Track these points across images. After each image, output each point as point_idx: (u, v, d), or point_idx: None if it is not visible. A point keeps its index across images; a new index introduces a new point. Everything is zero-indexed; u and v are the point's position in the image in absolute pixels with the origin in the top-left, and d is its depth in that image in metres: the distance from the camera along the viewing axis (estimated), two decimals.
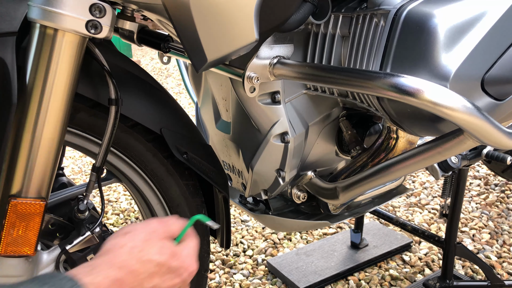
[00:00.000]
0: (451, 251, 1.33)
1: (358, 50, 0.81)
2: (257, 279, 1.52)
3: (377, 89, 0.65)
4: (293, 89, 0.90)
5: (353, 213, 1.12)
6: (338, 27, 0.84)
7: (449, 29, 0.70)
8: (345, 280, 1.51)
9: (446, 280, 1.34)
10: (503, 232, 1.78)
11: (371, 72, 0.68)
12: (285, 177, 0.94)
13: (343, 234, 1.71)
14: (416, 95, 0.63)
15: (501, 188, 2.11)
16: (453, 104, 0.62)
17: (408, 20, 0.73)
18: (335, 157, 1.04)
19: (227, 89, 0.95)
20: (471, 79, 0.71)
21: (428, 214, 1.92)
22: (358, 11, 0.82)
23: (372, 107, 0.81)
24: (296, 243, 1.72)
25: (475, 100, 0.72)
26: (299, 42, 0.88)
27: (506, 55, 0.73)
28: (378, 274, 1.53)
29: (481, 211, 1.92)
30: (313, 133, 0.96)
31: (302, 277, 1.47)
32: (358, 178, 0.88)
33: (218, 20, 0.61)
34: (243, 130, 0.96)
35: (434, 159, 0.76)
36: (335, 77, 0.71)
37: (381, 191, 1.13)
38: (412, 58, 0.71)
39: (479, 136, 0.66)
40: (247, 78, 0.80)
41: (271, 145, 0.90)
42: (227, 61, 0.73)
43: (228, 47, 0.64)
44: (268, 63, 0.81)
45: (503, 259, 1.62)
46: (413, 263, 1.59)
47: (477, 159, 1.18)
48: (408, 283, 1.50)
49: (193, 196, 0.89)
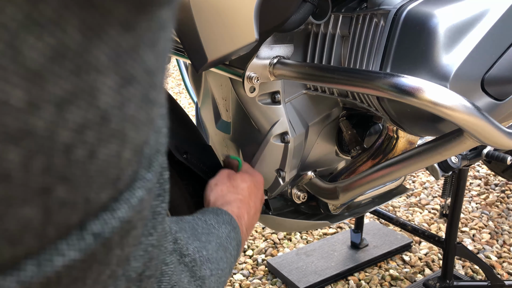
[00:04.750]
0: (451, 251, 1.33)
1: (358, 50, 0.81)
2: (257, 279, 1.52)
3: (377, 89, 0.65)
4: (293, 89, 0.90)
5: (353, 213, 1.12)
6: (338, 27, 0.84)
7: (449, 29, 0.70)
8: (345, 280, 1.51)
9: (446, 280, 1.34)
10: (503, 232, 1.78)
11: (371, 72, 0.68)
12: (285, 177, 0.94)
13: (343, 234, 1.71)
14: (416, 95, 0.63)
15: (501, 188, 2.11)
16: (453, 104, 0.62)
17: (408, 20, 0.73)
18: (335, 157, 1.04)
19: (227, 89, 0.95)
20: (471, 79, 0.71)
21: (428, 214, 1.92)
22: (358, 11, 0.82)
23: (372, 107, 0.81)
24: (296, 243, 1.72)
25: (475, 100, 0.72)
26: (299, 42, 0.88)
27: (506, 55, 0.73)
28: (378, 274, 1.53)
29: (481, 211, 1.92)
30: (313, 133, 0.96)
31: (302, 277, 1.48)
32: (358, 178, 0.88)
33: (218, 20, 0.61)
34: (243, 130, 0.96)
35: (434, 159, 0.76)
36: (335, 77, 0.71)
37: (381, 191, 1.13)
38: (412, 58, 0.72)
39: (479, 136, 0.66)
40: (247, 78, 0.80)
41: (271, 145, 0.90)
42: (227, 61, 0.73)
43: (228, 47, 0.64)
44: (268, 63, 0.81)
45: (503, 259, 1.62)
46: (413, 263, 1.59)
47: (477, 159, 1.18)
48: (408, 283, 1.50)
49: (193, 196, 0.89)
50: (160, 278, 0.35)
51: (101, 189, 0.20)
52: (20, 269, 0.19)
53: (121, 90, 0.19)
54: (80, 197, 0.20)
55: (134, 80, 0.20)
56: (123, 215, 0.22)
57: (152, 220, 0.28)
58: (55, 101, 0.17)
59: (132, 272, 0.26)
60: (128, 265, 0.25)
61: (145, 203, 0.24)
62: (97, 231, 0.21)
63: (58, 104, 0.17)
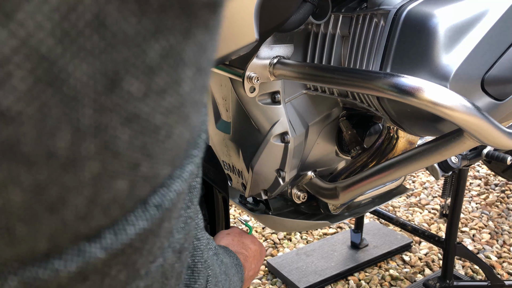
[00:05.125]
0: (451, 251, 1.33)
1: (358, 50, 0.81)
2: (257, 279, 1.52)
3: (377, 89, 0.65)
4: (293, 89, 0.90)
5: (353, 213, 1.12)
6: (338, 27, 0.84)
7: (449, 29, 0.70)
8: (345, 280, 1.51)
9: (446, 280, 1.34)
10: (503, 232, 1.78)
11: (371, 72, 0.68)
12: (285, 177, 0.94)
13: (343, 234, 1.71)
14: (416, 95, 0.63)
15: (501, 188, 2.11)
16: (453, 104, 0.62)
17: (408, 20, 0.73)
18: (335, 157, 1.04)
19: (227, 89, 0.95)
20: (471, 79, 0.71)
21: (428, 214, 1.92)
22: (358, 11, 0.82)
23: (372, 107, 0.81)
24: (296, 243, 1.72)
25: (475, 100, 0.72)
26: (299, 42, 0.88)
27: (506, 55, 0.73)
28: (378, 274, 1.53)
29: (481, 211, 1.92)
30: (313, 133, 0.96)
31: (302, 277, 1.47)
32: (358, 178, 0.88)
33: None
34: (243, 130, 0.96)
35: (434, 159, 0.76)
36: (335, 77, 0.71)
37: (381, 191, 1.13)
38: (412, 58, 0.71)
39: (479, 136, 0.66)
40: (247, 78, 0.80)
41: (271, 145, 0.90)
42: (227, 61, 0.73)
43: (228, 47, 0.64)
44: (268, 63, 0.81)
45: (503, 259, 1.62)
46: (413, 263, 1.59)
47: (477, 159, 1.18)
48: (408, 283, 1.50)
49: None
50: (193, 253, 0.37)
51: (166, 165, 0.23)
52: (102, 237, 0.21)
53: (195, 79, 0.22)
54: (154, 172, 0.22)
55: (202, 70, 0.23)
56: (177, 188, 0.25)
57: (189, 194, 0.30)
58: (157, 90, 0.20)
59: (176, 244, 0.28)
60: (172, 237, 0.27)
61: (192, 177, 0.26)
62: (157, 203, 0.23)
63: (159, 92, 0.20)
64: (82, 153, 0.19)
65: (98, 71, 0.18)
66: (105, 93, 0.18)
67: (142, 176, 0.22)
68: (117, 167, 0.20)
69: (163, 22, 0.19)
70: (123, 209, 0.22)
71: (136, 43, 0.19)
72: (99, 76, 0.18)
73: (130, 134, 0.20)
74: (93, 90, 0.18)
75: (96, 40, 0.17)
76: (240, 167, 1.01)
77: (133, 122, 0.20)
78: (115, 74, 0.18)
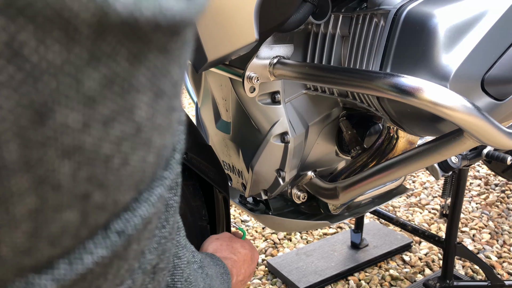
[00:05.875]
0: (451, 251, 1.33)
1: (358, 50, 0.81)
2: (257, 279, 1.52)
3: (377, 89, 0.65)
4: (293, 89, 0.90)
5: (353, 213, 1.12)
6: (338, 27, 0.84)
7: (449, 29, 0.70)
8: (345, 280, 1.51)
9: (446, 280, 1.34)
10: (503, 232, 1.78)
11: (371, 72, 0.68)
12: (285, 177, 0.94)
13: (343, 234, 1.71)
14: (416, 95, 0.63)
15: (501, 188, 2.11)
16: (453, 104, 0.62)
17: (408, 20, 0.73)
18: (335, 157, 1.04)
19: (227, 89, 0.95)
20: (471, 79, 0.71)
21: (428, 214, 1.92)
22: (358, 11, 0.82)
23: (372, 107, 0.81)
24: (296, 243, 1.72)
25: (475, 100, 0.72)
26: (299, 42, 0.88)
27: (506, 55, 0.73)
28: (378, 274, 1.53)
29: (481, 211, 1.92)
30: (313, 133, 0.96)
31: (302, 277, 1.47)
32: (358, 178, 0.88)
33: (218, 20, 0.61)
34: (243, 130, 0.96)
35: (434, 159, 0.76)
36: (335, 77, 0.71)
37: (381, 191, 1.13)
38: (412, 58, 0.71)
39: (479, 136, 0.66)
40: (247, 78, 0.80)
41: (271, 145, 0.90)
42: (227, 61, 0.73)
43: (228, 47, 0.64)
44: (268, 63, 0.81)
45: (503, 259, 1.62)
46: (413, 263, 1.59)
47: (477, 159, 1.18)
48: (408, 283, 1.50)
49: (193, 196, 0.89)
50: (173, 271, 0.36)
51: (127, 191, 0.23)
52: (54, 268, 0.21)
53: (153, 104, 0.22)
54: (111, 200, 0.22)
55: (163, 93, 0.22)
56: (143, 213, 0.24)
57: (165, 213, 0.29)
58: (102, 120, 0.19)
59: (147, 265, 0.27)
60: (143, 257, 0.27)
61: (162, 200, 0.26)
62: (120, 229, 0.23)
63: (104, 122, 0.19)
64: (12, 189, 0.18)
65: (19, 104, 0.17)
66: (32, 127, 0.17)
67: (95, 206, 0.21)
68: (61, 200, 0.19)
69: (101, 49, 0.18)
70: (77, 238, 0.21)
71: (67, 72, 0.17)
72: (21, 110, 0.17)
73: (72, 166, 0.19)
74: (15, 125, 0.17)
75: (11, 72, 0.16)
76: (240, 167, 1.01)
77: (75, 154, 0.19)
78: (42, 106, 0.17)
